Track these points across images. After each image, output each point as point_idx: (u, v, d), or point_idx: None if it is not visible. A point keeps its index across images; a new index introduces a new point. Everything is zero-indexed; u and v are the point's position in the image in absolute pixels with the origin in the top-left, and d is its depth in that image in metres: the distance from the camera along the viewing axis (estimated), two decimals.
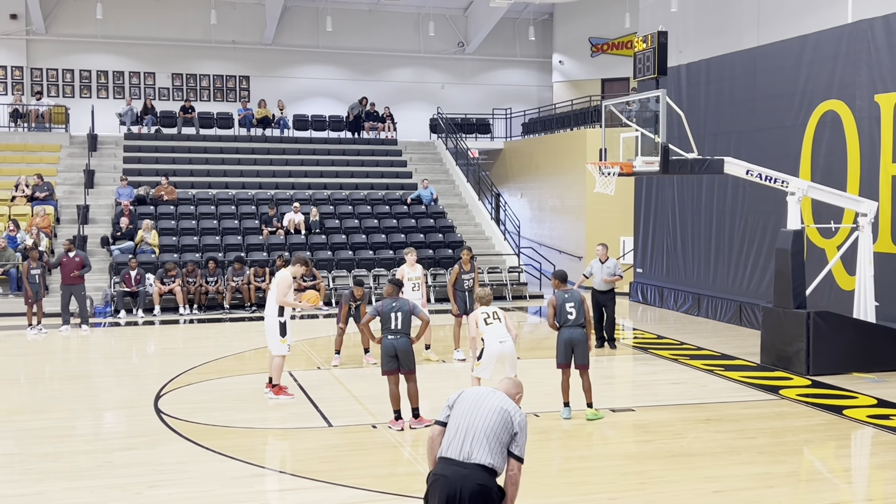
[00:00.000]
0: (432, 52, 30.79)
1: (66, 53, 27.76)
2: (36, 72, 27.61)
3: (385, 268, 21.15)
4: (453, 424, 4.91)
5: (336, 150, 27.10)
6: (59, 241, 20.81)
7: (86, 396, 11.41)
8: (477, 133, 29.57)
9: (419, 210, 24.20)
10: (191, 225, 22.12)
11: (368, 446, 9.06)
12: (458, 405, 4.99)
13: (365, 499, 7.35)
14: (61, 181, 23.36)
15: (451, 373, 12.99)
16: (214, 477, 7.95)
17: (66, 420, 10.18)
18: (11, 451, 9.02)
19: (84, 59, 27.94)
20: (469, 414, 4.90)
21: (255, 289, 19.46)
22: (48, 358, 14.95)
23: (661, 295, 20.09)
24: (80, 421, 10.23)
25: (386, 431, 9.46)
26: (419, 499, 7.27)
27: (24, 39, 27.29)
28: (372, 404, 10.71)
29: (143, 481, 7.78)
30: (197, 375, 12.43)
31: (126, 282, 18.76)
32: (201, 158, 25.54)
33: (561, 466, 8.62)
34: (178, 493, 7.49)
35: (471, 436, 4.81)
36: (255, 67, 29.37)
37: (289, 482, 7.78)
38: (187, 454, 8.69)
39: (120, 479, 7.84)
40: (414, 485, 7.61)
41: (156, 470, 8.18)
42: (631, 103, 14.06)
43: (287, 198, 23.56)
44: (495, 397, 5.00)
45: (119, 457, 8.60)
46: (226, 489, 7.59)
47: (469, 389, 5.12)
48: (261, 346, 15.06)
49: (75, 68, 27.91)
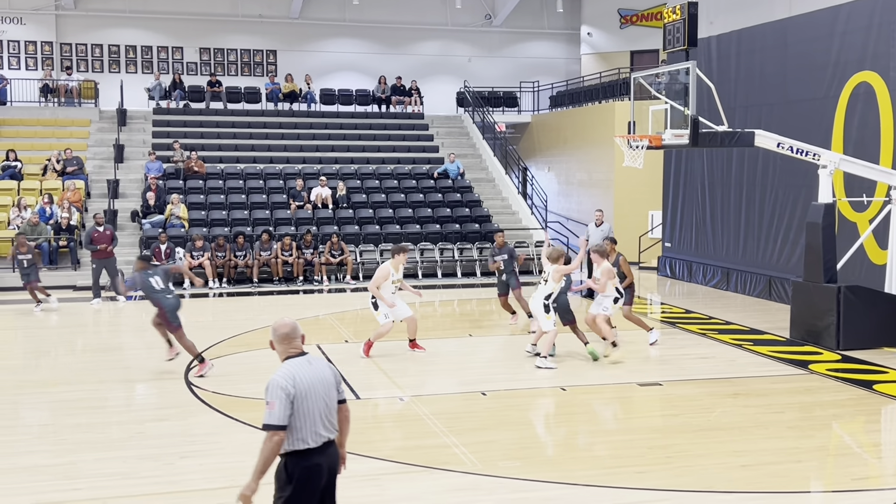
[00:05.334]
0: (459, 25, 30.59)
1: (94, 28, 27.91)
2: (65, 47, 27.79)
3: (412, 241, 21.19)
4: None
5: (363, 124, 27.09)
6: (89, 216, 21.06)
7: (117, 368, 11.57)
8: (504, 106, 29.42)
9: (446, 184, 24.16)
10: (219, 199, 22.26)
11: (395, 419, 9.12)
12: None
13: (392, 470, 7.41)
14: (91, 156, 23.57)
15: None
16: (243, 448, 8.03)
17: (99, 391, 10.34)
18: (45, 421, 9.19)
19: (113, 33, 28.08)
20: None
21: (282, 263, 19.58)
22: (80, 330, 15.17)
23: (689, 269, 19.96)
24: (111, 392, 10.38)
25: (413, 405, 9.52)
26: (447, 471, 7.34)
27: (54, 14, 27.45)
28: (399, 377, 10.77)
29: (174, 452, 7.90)
30: (226, 348, 12.56)
31: (156, 256, 18.92)
32: (229, 133, 25.64)
33: (587, 440, 8.63)
34: (208, 463, 7.59)
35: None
36: (282, 41, 29.36)
37: None
38: (217, 425, 8.80)
39: (151, 450, 7.96)
40: (441, 457, 7.67)
41: (186, 441, 8.29)
42: (660, 75, 13.91)
43: (314, 172, 23.62)
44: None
45: (150, 427, 8.73)
46: (255, 460, 7.66)
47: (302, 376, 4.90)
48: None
49: (104, 43, 28.07)
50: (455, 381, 10.82)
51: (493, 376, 10.96)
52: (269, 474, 4.86)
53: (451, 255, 21.32)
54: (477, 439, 8.22)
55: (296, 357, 4.90)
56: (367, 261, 20.45)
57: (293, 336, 4.92)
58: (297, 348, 4.94)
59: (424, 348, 12.05)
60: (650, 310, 16.53)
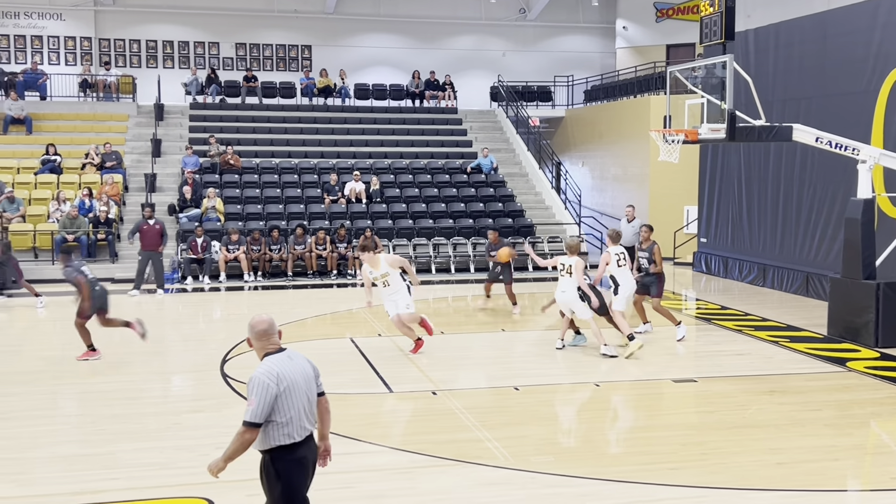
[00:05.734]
0: (493, 20, 30.52)
1: (132, 24, 28.25)
2: (104, 42, 28.16)
3: (445, 236, 21.20)
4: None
5: (396, 119, 27.15)
6: (127, 209, 21.34)
7: (154, 360, 11.72)
8: (538, 101, 29.31)
9: (479, 179, 24.14)
10: (255, 193, 22.44)
11: (429, 412, 9.14)
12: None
13: (426, 463, 7.43)
14: (129, 150, 23.86)
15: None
16: None
17: (136, 383, 10.47)
18: (84, 411, 9.33)
19: (150, 29, 28.40)
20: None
21: (316, 256, 19.70)
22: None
23: (725, 265, 19.76)
24: (148, 384, 10.52)
25: (445, 399, 9.53)
26: (479, 465, 7.35)
27: (93, 10, 27.82)
28: (432, 371, 10.79)
29: (210, 443, 7.97)
30: None
31: (192, 249, 19.15)
32: (264, 128, 25.83)
33: (621, 436, 8.60)
34: (243, 455, 7.65)
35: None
36: (317, 37, 29.50)
37: (350, 446, 7.90)
38: None
39: (187, 441, 8.06)
40: (473, 451, 7.67)
41: (222, 432, 8.35)
42: (697, 69, 13.77)
43: (348, 167, 23.72)
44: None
45: (186, 419, 8.83)
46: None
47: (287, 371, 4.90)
48: (321, 312, 15.30)
49: (142, 39, 28.40)
50: (487, 376, 10.83)
51: (525, 371, 10.95)
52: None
53: (483, 250, 21.26)
54: (509, 434, 8.21)
55: (275, 353, 4.92)
56: (400, 255, 20.46)
57: (271, 332, 4.94)
58: (276, 344, 4.96)
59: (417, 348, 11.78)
60: (685, 305, 16.40)
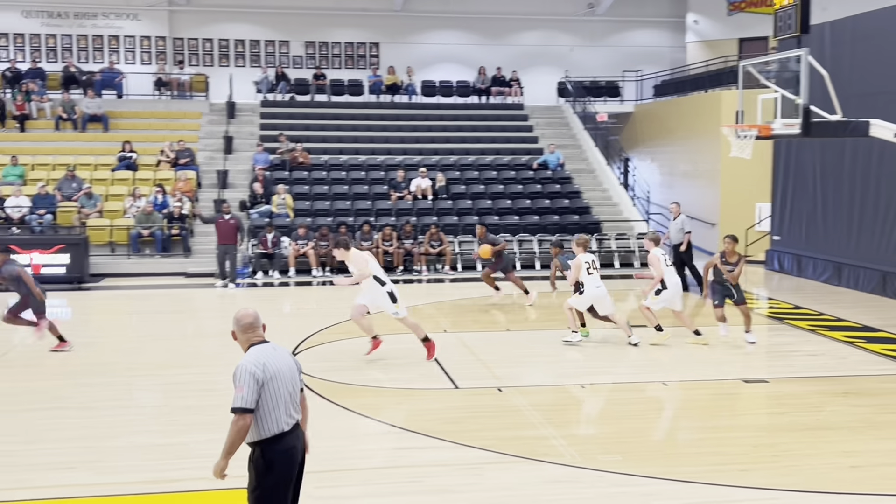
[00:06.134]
0: (561, 15, 30.30)
1: (205, 23, 28.85)
2: (177, 42, 28.81)
3: (511, 233, 21.16)
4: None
5: (463, 115, 27.17)
6: (200, 205, 21.80)
7: (226, 353, 11.95)
8: (606, 96, 29.02)
9: (545, 175, 24.03)
10: (323, 190, 22.73)
11: (494, 409, 9.16)
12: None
13: (491, 460, 7.45)
14: (202, 147, 24.37)
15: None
16: (346, 434, 8.23)
17: (208, 374, 10.71)
18: (158, 402, 9.59)
19: (222, 28, 28.96)
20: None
21: (383, 252, 19.85)
22: (191, 316, 15.76)
23: (798, 263, 19.31)
24: (220, 376, 10.71)
25: (511, 395, 9.53)
26: (545, 462, 7.34)
27: (167, 10, 28.48)
28: (497, 368, 10.80)
29: None
30: (329, 335, 12.84)
31: (263, 244, 19.49)
32: (333, 125, 26.12)
33: (690, 436, 8.48)
34: (312, 447, 7.76)
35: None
36: (385, 34, 29.70)
37: (417, 441, 7.96)
38: (321, 411, 8.98)
39: None
40: (539, 448, 7.66)
41: None
42: (770, 63, 13.47)
43: (415, 163, 23.84)
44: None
45: None
46: (357, 446, 7.86)
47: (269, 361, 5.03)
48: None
49: (214, 38, 28.98)
50: (553, 373, 10.79)
51: (592, 369, 10.88)
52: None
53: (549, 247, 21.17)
54: (576, 432, 8.19)
55: (259, 344, 5.05)
56: (466, 251, 20.53)
57: (256, 325, 5.07)
58: (260, 336, 5.08)
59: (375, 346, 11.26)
60: (757, 304, 16.08)
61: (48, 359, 11.41)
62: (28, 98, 24.34)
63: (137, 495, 6.68)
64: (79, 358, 11.52)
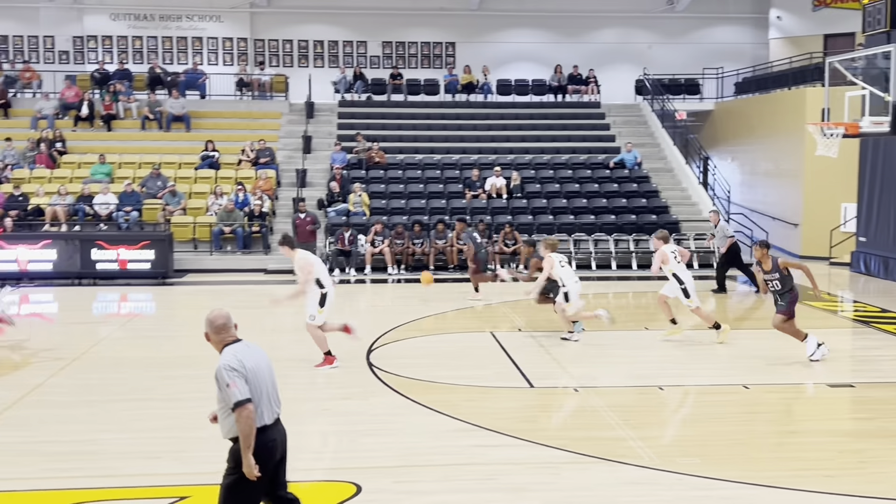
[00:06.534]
0: (639, 12, 29.94)
1: (285, 25, 29.37)
2: (258, 43, 29.40)
3: (586, 232, 21.00)
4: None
5: (538, 114, 27.06)
6: (279, 203, 22.20)
7: (303, 348, 12.15)
8: (685, 94, 28.54)
9: (622, 174, 23.77)
10: (399, 189, 22.90)
11: (570, 409, 9.11)
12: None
13: (567, 459, 7.41)
14: (281, 146, 24.81)
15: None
16: (422, 430, 8.29)
17: (287, 369, 10.88)
18: None
19: (302, 29, 29.45)
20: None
21: (457, 251, 19.91)
22: (270, 312, 16.03)
23: (885, 265, 18.69)
24: (298, 370, 10.93)
25: (587, 396, 9.46)
26: (623, 463, 7.27)
27: (249, 12, 29.10)
28: (573, 368, 10.74)
29: (358, 430, 8.24)
30: (404, 332, 12.93)
31: (340, 242, 19.75)
32: (409, 124, 26.30)
33: (772, 441, 8.29)
34: (389, 442, 7.87)
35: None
36: (461, 33, 29.78)
37: (492, 438, 7.97)
38: (397, 406, 9.10)
39: (337, 427, 8.34)
40: (616, 449, 7.60)
41: (367, 419, 8.63)
42: (857, 60, 13.11)
43: (489, 162, 23.84)
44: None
45: (335, 405, 9.14)
46: (433, 442, 7.91)
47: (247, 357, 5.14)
48: (461, 306, 15.44)
49: (294, 39, 29.49)
50: (630, 375, 10.67)
51: (670, 371, 10.72)
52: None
53: (626, 247, 20.96)
54: (654, 434, 8.08)
55: (233, 343, 5.15)
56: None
57: (229, 325, 5.18)
58: (233, 336, 5.19)
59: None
60: (841, 307, 15.63)
61: (133, 352, 11.78)
62: (115, 98, 25.14)
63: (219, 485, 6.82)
64: (162, 351, 11.86)
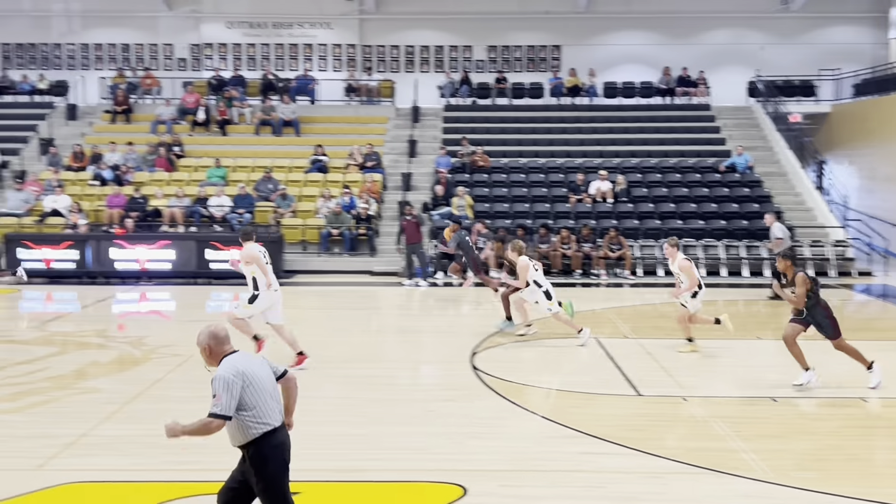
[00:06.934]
0: (751, 12, 29.10)
1: (393, 31, 29.79)
2: (366, 49, 29.91)
3: (695, 237, 20.53)
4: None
5: (645, 116, 26.63)
6: (385, 207, 22.51)
7: (408, 350, 12.30)
8: (800, 96, 27.60)
9: (733, 178, 23.15)
10: (502, 192, 22.91)
11: (679, 418, 8.92)
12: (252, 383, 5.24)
13: (676, 470, 7.26)
14: (387, 150, 25.16)
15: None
16: (528, 434, 8.26)
17: (392, 370, 11.05)
18: (346, 395, 9.94)
19: (409, 35, 29.80)
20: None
21: (561, 255, 19.77)
22: (375, 313, 16.30)
23: None
24: (403, 371, 11.07)
25: (696, 405, 9.25)
26: (734, 476, 7.08)
27: (358, 19, 29.64)
28: (681, 376, 10.52)
29: (463, 432, 8.27)
30: (507, 336, 12.91)
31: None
32: (513, 128, 26.29)
33: (892, 456, 7.93)
34: (494, 446, 7.87)
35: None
36: (567, 36, 29.58)
37: (599, 446, 7.88)
38: (501, 410, 9.09)
39: (442, 428, 8.39)
40: (728, 461, 7.40)
41: (473, 422, 8.65)
42: None
43: (595, 166, 23.59)
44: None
45: (440, 407, 9.20)
46: (539, 447, 7.87)
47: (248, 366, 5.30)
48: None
49: (401, 44, 29.87)
50: (741, 385, 10.38)
51: (784, 382, 10.37)
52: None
53: (737, 253, 20.41)
54: (767, 446, 7.83)
55: (231, 354, 5.32)
56: (647, 256, 20.13)
57: (228, 338, 5.38)
58: (232, 347, 5.38)
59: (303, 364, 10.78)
60: None
61: (245, 350, 12.12)
62: (230, 104, 25.99)
63: (329, 482, 6.98)
64: (271, 350, 12.17)
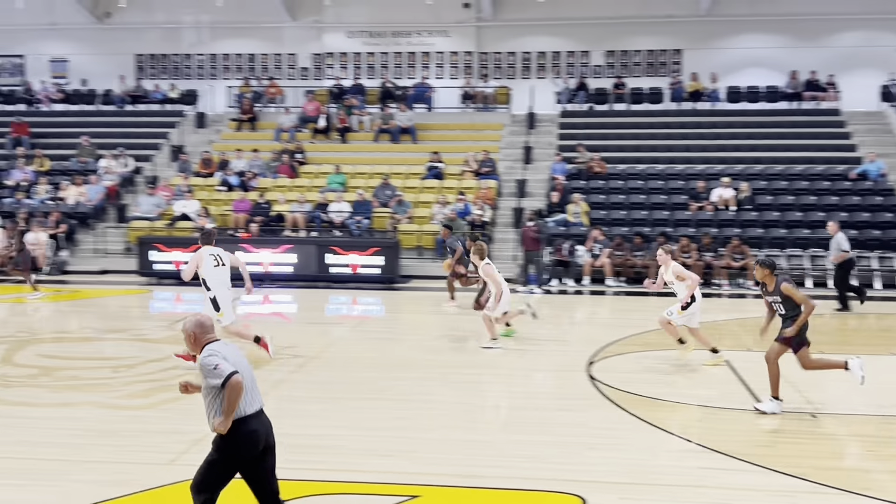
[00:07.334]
0: (885, 13, 27.74)
1: (509, 37, 29.82)
2: (483, 56, 30.04)
3: (823, 248, 19.72)
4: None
5: (770, 122, 25.78)
6: (499, 213, 22.55)
7: (523, 358, 12.25)
8: None
9: (864, 186, 22.16)
10: (620, 199, 22.59)
11: (807, 435, 8.58)
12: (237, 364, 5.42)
13: (805, 489, 6.97)
14: (503, 157, 25.20)
15: None
16: (646, 446, 8.10)
17: (507, 378, 11.03)
18: (459, 400, 9.95)
19: (525, 41, 29.78)
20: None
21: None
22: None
23: None
24: (518, 379, 11.03)
25: (827, 422, 8.88)
26: (868, 497, 6.75)
27: (475, 26, 29.81)
28: (810, 392, 10.11)
29: (581, 442, 8.18)
30: (625, 346, 12.72)
31: (558, 252, 19.76)
32: (631, 134, 25.89)
33: None
34: (612, 457, 7.74)
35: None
36: (689, 40, 28.94)
37: (722, 461, 7.64)
38: (619, 421, 8.95)
39: (559, 437, 8.32)
40: (861, 482, 7.07)
41: (590, 432, 8.54)
42: None
43: (716, 172, 22.99)
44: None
45: (556, 416, 9.11)
46: (659, 461, 7.70)
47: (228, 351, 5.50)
48: (681, 322, 14.93)
49: (517, 51, 29.88)
50: (876, 402, 9.89)
51: None
52: None
53: (867, 265, 19.51)
54: None
55: (212, 342, 5.51)
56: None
57: (212, 329, 5.61)
58: (213, 336, 5.59)
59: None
60: None
61: (363, 353, 12.36)
62: (349, 112, 26.58)
63: (449, 487, 7.02)
64: (390, 353, 12.37)
